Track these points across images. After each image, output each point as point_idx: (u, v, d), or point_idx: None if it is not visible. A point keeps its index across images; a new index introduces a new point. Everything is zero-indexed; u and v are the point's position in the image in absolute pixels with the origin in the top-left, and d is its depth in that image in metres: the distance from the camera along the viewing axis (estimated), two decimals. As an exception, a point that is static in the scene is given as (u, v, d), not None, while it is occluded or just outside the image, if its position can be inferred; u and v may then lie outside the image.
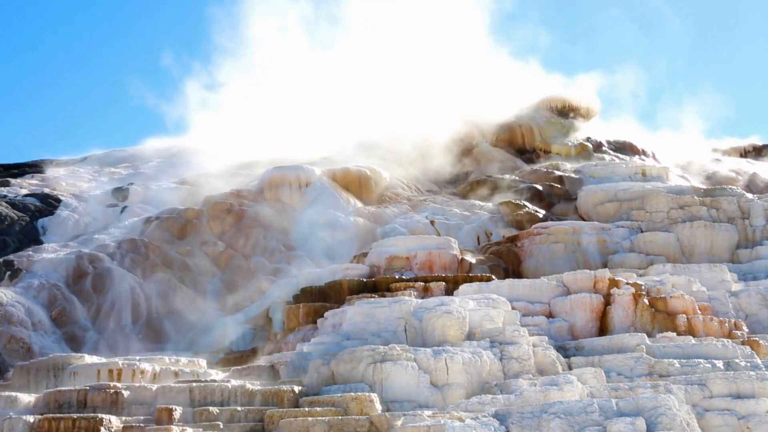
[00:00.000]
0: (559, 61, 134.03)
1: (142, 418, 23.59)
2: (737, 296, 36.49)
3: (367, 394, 24.31)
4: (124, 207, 52.60)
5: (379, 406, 24.12)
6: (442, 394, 25.34)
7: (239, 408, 24.08)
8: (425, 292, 34.83)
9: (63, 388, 25.23)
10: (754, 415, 24.93)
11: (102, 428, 22.37)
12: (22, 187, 55.21)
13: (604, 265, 40.31)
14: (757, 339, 31.51)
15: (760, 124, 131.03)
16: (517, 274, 41.90)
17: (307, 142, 57.87)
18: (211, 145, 61.86)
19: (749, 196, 48.82)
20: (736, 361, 27.86)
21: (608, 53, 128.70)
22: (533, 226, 44.97)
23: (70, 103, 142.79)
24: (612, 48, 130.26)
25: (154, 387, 25.02)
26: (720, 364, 27.53)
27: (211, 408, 23.81)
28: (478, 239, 47.39)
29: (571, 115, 66.43)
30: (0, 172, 60.29)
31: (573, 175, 54.96)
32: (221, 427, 23.09)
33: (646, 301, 32.71)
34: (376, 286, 36.42)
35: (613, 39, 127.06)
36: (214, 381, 25.79)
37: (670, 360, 27.78)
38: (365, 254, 42.41)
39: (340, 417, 22.84)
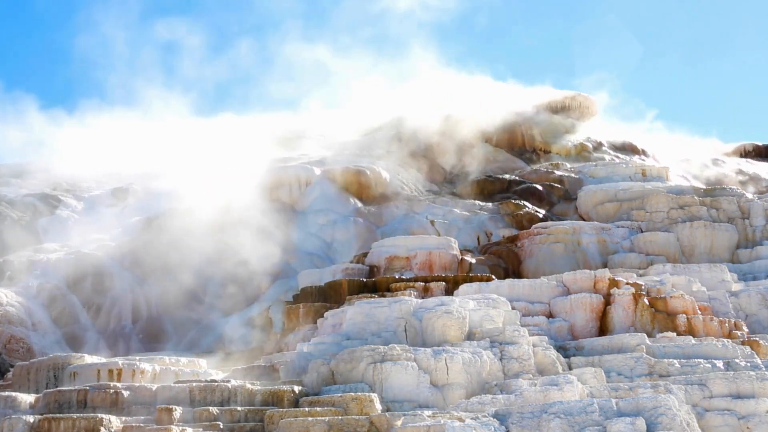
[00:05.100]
0: (559, 61, 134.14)
1: (142, 418, 23.59)
2: (737, 296, 36.49)
3: (367, 394, 24.30)
4: (125, 207, 52.55)
5: (379, 406, 24.11)
6: (442, 394, 25.34)
7: (239, 408, 24.07)
8: (425, 292, 34.82)
9: (63, 388, 25.23)
10: (754, 415, 24.93)
11: (102, 428, 22.38)
12: (22, 187, 55.18)
13: (604, 265, 40.30)
14: (757, 339, 31.51)
15: (759, 124, 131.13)
16: (517, 274, 41.90)
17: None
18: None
19: (749, 196, 48.85)
20: (736, 361, 27.86)
21: (608, 54, 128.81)
22: (533, 226, 44.98)
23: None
24: (611, 49, 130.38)
25: (154, 387, 25.02)
26: (720, 364, 27.53)
27: (211, 408, 23.80)
28: (478, 239, 47.41)
29: (571, 115, 66.38)
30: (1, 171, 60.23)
31: (573, 175, 54.92)
32: (221, 427, 23.09)
33: (646, 301, 32.69)
34: (376, 286, 36.42)
35: (613, 40, 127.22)
36: (214, 381, 25.78)
37: (670, 360, 27.77)
38: (365, 254, 42.40)
39: (340, 417, 22.82)
